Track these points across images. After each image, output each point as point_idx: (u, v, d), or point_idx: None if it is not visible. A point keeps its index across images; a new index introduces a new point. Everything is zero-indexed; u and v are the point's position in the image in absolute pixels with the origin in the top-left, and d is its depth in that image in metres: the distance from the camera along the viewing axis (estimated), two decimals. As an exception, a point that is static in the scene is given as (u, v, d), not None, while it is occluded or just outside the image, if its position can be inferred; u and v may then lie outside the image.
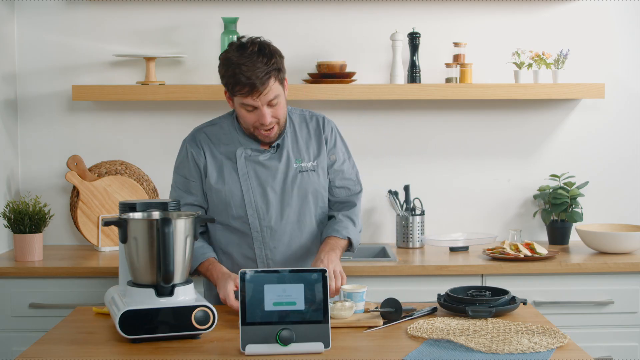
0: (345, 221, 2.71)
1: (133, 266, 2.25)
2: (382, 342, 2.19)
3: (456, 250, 3.42)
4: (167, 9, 3.64)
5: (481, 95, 3.48)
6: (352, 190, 2.78)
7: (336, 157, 2.75)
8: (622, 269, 3.17)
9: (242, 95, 2.51)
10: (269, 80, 2.50)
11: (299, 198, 2.67)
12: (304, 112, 2.77)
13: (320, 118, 2.77)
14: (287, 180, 2.66)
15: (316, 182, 2.69)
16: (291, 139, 2.70)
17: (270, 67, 2.50)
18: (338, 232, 2.68)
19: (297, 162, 2.68)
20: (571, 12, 3.70)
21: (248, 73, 2.47)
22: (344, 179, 2.76)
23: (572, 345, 2.15)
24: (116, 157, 3.67)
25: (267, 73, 2.49)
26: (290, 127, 2.71)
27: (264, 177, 2.65)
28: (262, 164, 2.66)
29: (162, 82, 3.54)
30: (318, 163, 2.71)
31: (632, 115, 3.74)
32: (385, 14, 3.67)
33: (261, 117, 2.54)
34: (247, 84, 2.48)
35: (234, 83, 2.51)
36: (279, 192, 2.66)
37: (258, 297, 2.11)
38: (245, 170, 2.65)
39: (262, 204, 2.65)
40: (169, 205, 2.39)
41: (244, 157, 2.66)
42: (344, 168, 2.76)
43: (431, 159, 3.73)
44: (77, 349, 2.13)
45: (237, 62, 2.49)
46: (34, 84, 3.65)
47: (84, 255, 3.40)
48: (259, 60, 2.49)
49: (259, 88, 2.49)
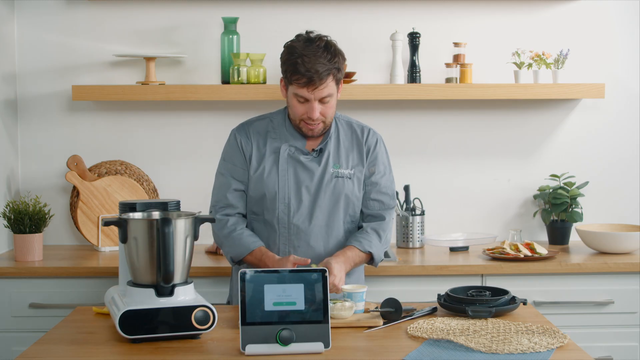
0: (371, 234, 2.72)
1: (133, 266, 2.25)
2: (382, 342, 2.19)
3: (456, 250, 3.42)
4: (167, 9, 3.64)
5: (481, 95, 3.48)
6: (386, 205, 2.78)
7: (376, 170, 2.76)
8: (622, 269, 3.17)
9: (299, 85, 2.56)
10: (328, 77, 2.56)
11: (331, 202, 2.69)
12: (352, 121, 2.81)
13: (367, 129, 2.79)
14: (322, 183, 2.69)
15: (350, 190, 2.71)
16: (334, 144, 2.73)
17: (332, 65, 2.56)
18: (361, 244, 2.68)
19: (335, 168, 2.71)
20: (571, 12, 3.70)
21: (309, 65, 2.53)
22: (379, 192, 2.77)
23: (572, 345, 2.15)
24: (116, 157, 3.67)
25: (327, 70, 2.55)
26: (335, 133, 2.75)
27: (301, 177, 2.69)
28: (303, 163, 2.70)
29: (162, 82, 3.54)
30: (355, 172, 2.73)
31: (632, 115, 3.74)
32: (385, 14, 3.67)
33: (310, 111, 2.59)
34: (306, 75, 2.53)
35: (293, 71, 2.56)
36: (312, 192, 2.69)
37: (258, 297, 2.11)
38: (286, 166, 2.70)
39: (294, 202, 2.68)
40: (169, 205, 2.39)
41: (287, 154, 2.70)
42: (382, 181, 2.77)
43: (431, 159, 3.73)
44: (77, 349, 2.13)
45: (301, 53, 2.55)
46: (34, 84, 3.65)
47: (84, 255, 3.40)
48: (323, 56, 2.55)
49: (316, 82, 2.54)
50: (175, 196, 3.59)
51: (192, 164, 3.65)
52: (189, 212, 2.34)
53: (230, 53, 3.50)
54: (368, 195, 2.76)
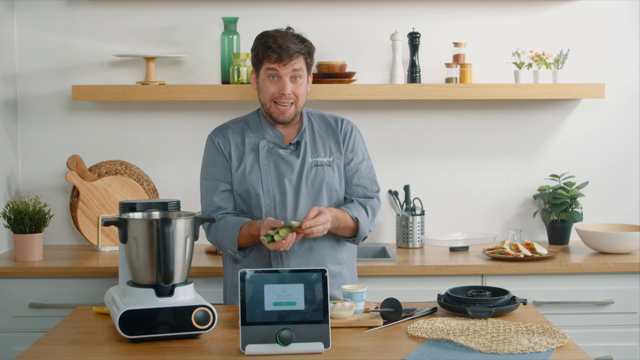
0: (359, 206, 2.75)
1: (133, 266, 2.25)
2: (382, 342, 2.19)
3: (456, 250, 3.42)
4: (167, 9, 3.64)
5: (481, 95, 3.48)
6: (369, 189, 2.81)
7: (354, 156, 2.80)
8: (622, 269, 3.17)
9: (270, 61, 2.65)
10: (299, 57, 2.67)
11: (313, 190, 2.72)
12: (324, 114, 2.87)
13: (340, 119, 2.85)
14: (303, 173, 2.72)
15: (330, 177, 2.74)
16: (309, 136, 2.78)
17: (303, 46, 2.68)
18: (350, 210, 2.71)
19: (313, 157, 2.75)
20: (571, 12, 3.70)
21: (281, 41, 2.65)
22: (361, 177, 2.80)
23: (572, 345, 2.15)
24: (116, 157, 3.67)
25: (298, 49, 2.66)
26: (309, 126, 2.80)
27: (282, 169, 2.72)
28: (282, 157, 2.73)
29: (162, 82, 3.54)
30: (334, 159, 2.77)
31: (632, 115, 3.74)
32: (385, 14, 3.67)
33: (282, 87, 2.66)
34: (277, 51, 2.64)
35: (264, 49, 2.66)
36: (294, 183, 2.72)
37: (258, 297, 2.11)
38: (267, 161, 2.73)
39: (279, 195, 2.71)
40: (169, 205, 2.39)
41: (267, 149, 2.74)
42: (362, 167, 2.81)
43: (431, 159, 3.73)
44: (77, 349, 2.13)
45: (273, 34, 2.67)
46: (34, 84, 3.65)
47: (84, 255, 3.40)
48: (294, 38, 2.68)
49: (285, 58, 2.64)
50: (175, 196, 3.60)
51: (192, 164, 3.65)
52: (189, 212, 2.34)
53: (230, 53, 3.51)
54: (350, 182, 2.79)
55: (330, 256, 2.73)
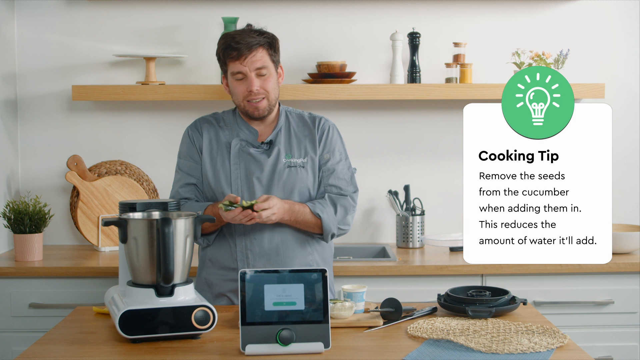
0: (326, 202, 2.70)
1: (133, 266, 2.25)
2: (382, 342, 2.19)
3: (456, 250, 3.42)
4: (167, 9, 3.64)
5: (481, 95, 3.48)
6: (344, 190, 2.75)
7: (330, 156, 2.75)
8: (622, 269, 3.17)
9: (232, 60, 2.65)
10: (258, 48, 2.65)
11: (285, 192, 2.68)
12: (303, 113, 2.83)
13: (318, 118, 2.80)
14: (275, 174, 2.69)
15: (304, 179, 2.70)
16: (285, 135, 2.75)
17: (261, 38, 2.67)
18: (313, 205, 2.67)
19: (287, 158, 2.72)
20: (571, 12, 3.70)
21: (238, 38, 2.66)
22: (336, 177, 2.75)
23: (572, 345, 2.15)
24: (116, 157, 3.67)
25: (256, 41, 2.65)
26: (286, 124, 2.77)
27: (252, 168, 2.70)
28: (252, 156, 2.71)
29: (162, 82, 3.54)
30: (308, 160, 2.73)
31: (632, 115, 3.74)
32: (385, 14, 3.67)
33: (250, 84, 2.65)
34: (236, 48, 2.64)
35: (225, 49, 2.66)
36: (265, 184, 2.68)
37: (258, 297, 2.11)
38: (237, 160, 2.71)
39: (247, 194, 2.68)
40: (169, 205, 2.39)
41: (238, 148, 2.72)
42: (338, 167, 2.76)
43: (431, 159, 3.72)
44: (77, 349, 2.13)
45: (232, 34, 2.68)
46: (34, 84, 3.65)
47: (84, 255, 3.40)
48: (252, 33, 2.68)
49: (245, 53, 2.64)
50: (175, 196, 3.59)
51: (192, 164, 3.65)
52: (189, 212, 2.34)
53: (230, 53, 3.50)
54: (325, 182, 2.74)
55: (299, 258, 2.69)
